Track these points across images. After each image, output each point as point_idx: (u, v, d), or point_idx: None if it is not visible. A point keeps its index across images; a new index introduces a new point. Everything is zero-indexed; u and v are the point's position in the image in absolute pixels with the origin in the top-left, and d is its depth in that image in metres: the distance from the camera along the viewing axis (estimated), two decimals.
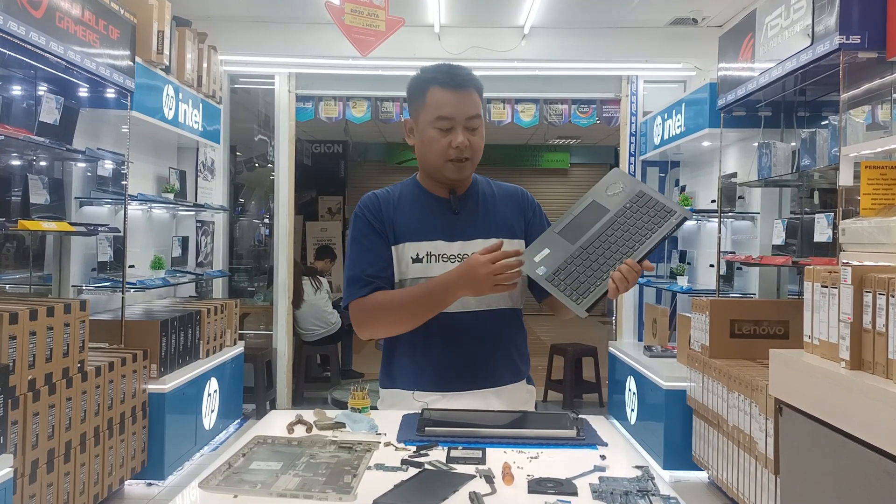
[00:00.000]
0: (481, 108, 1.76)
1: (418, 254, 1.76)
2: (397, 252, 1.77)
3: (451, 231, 1.78)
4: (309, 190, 10.39)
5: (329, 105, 5.79)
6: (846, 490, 2.18)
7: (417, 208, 1.80)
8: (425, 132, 1.74)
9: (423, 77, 1.76)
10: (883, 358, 2.04)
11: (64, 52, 3.19)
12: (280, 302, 5.74)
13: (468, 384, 1.77)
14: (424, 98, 1.74)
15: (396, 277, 1.77)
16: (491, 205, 1.84)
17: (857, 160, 2.84)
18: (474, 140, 1.73)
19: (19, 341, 2.73)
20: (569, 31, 5.60)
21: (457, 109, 1.71)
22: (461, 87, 1.71)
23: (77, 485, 3.16)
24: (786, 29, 3.36)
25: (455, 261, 1.75)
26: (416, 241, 1.76)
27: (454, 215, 1.80)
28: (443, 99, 1.71)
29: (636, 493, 1.19)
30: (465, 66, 1.78)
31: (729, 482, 3.55)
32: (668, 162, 5.78)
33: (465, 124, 1.72)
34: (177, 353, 4.07)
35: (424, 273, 1.74)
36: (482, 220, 1.81)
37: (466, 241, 1.77)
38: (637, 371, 4.72)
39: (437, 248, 1.76)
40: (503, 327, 1.81)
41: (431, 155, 1.74)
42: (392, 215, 1.79)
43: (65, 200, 3.84)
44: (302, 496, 1.16)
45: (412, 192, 1.84)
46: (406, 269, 1.76)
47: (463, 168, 1.75)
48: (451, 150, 1.71)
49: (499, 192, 1.88)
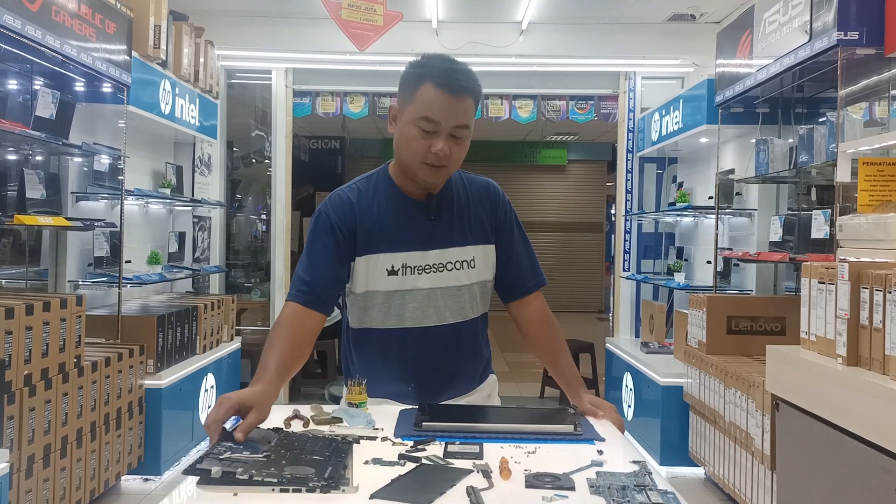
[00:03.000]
0: (473, 117, 1.64)
1: (394, 266, 1.69)
2: (367, 262, 1.69)
3: (426, 239, 1.70)
4: (306, 186, 10.36)
5: (326, 100, 5.77)
6: (842, 486, 2.18)
7: (392, 214, 1.70)
8: (408, 128, 1.62)
9: (420, 69, 1.63)
10: (880, 354, 2.04)
11: (60, 47, 3.17)
12: (277, 298, 5.72)
13: (436, 396, 1.74)
14: (415, 92, 1.61)
15: (363, 288, 1.71)
16: (465, 208, 1.76)
17: (854, 156, 2.84)
18: (456, 150, 1.62)
19: (15, 336, 2.72)
20: (567, 27, 5.59)
21: (445, 115, 1.58)
22: (456, 93, 1.59)
23: (73, 480, 3.16)
24: (784, 25, 3.36)
25: (431, 271, 1.70)
26: (390, 251, 1.69)
27: (430, 221, 1.71)
28: (434, 100, 1.58)
29: (633, 488, 1.19)
30: (468, 69, 1.64)
31: (725, 478, 3.56)
32: (666, 158, 5.78)
33: (451, 132, 1.60)
34: (173, 349, 4.06)
35: (401, 286, 1.69)
36: (458, 227, 1.73)
37: (443, 250, 1.71)
38: (634, 367, 4.73)
39: (412, 260, 1.69)
40: (475, 334, 1.79)
41: (408, 153, 1.64)
42: (365, 222, 1.69)
43: (61, 195, 3.82)
44: (304, 490, 1.15)
45: (385, 193, 1.73)
46: (379, 280, 1.69)
47: (437, 174, 1.64)
48: (429, 154, 1.60)
49: (472, 189, 1.79)
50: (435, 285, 1.71)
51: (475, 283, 1.75)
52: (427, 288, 1.71)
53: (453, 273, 1.72)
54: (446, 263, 1.71)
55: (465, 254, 1.73)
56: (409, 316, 1.71)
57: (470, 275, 1.74)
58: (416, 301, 1.71)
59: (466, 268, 1.73)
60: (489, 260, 1.78)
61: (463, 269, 1.73)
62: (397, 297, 1.71)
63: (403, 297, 1.70)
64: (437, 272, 1.71)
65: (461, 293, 1.73)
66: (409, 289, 1.70)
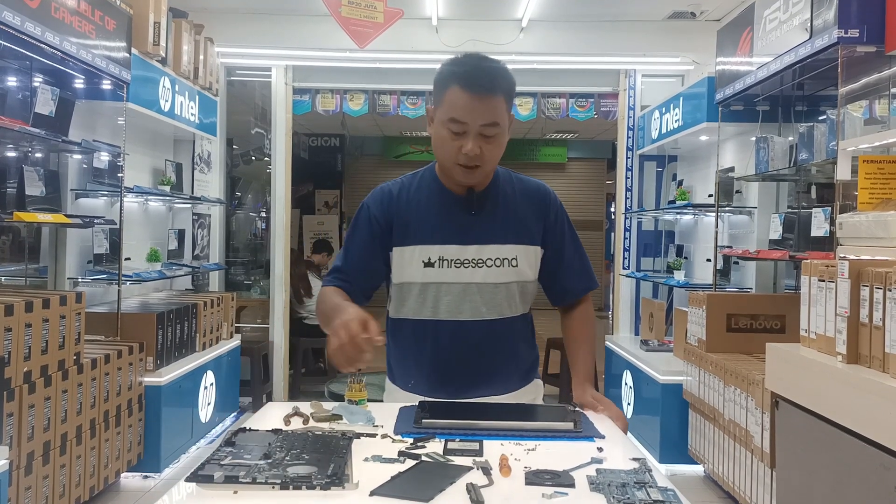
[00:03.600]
0: (504, 114, 1.63)
1: (430, 258, 1.70)
2: (404, 254, 1.72)
3: (466, 234, 1.71)
4: (306, 183, 10.36)
5: (326, 98, 5.76)
6: (842, 483, 2.18)
7: (432, 207, 1.73)
8: (439, 129, 1.64)
9: (448, 70, 1.63)
10: (879, 352, 2.04)
11: (59, 43, 3.17)
12: (277, 295, 5.73)
13: (470, 392, 1.74)
14: (444, 94, 1.62)
15: (400, 279, 1.73)
16: (511, 206, 1.75)
17: (854, 154, 2.84)
18: (488, 149, 1.62)
19: (15, 333, 2.72)
20: (567, 25, 5.59)
21: (471, 115, 1.59)
22: (480, 93, 1.58)
23: (73, 477, 3.16)
24: (784, 23, 3.36)
25: (469, 266, 1.70)
26: (427, 244, 1.70)
27: (470, 216, 1.72)
28: (459, 101, 1.59)
29: (634, 486, 1.19)
30: (496, 66, 1.63)
31: (725, 476, 3.56)
32: (666, 156, 5.77)
33: (480, 131, 1.60)
34: (173, 346, 4.06)
35: (438, 278, 1.70)
36: (500, 224, 1.73)
37: (482, 246, 1.71)
38: (633, 365, 4.73)
39: (449, 253, 1.70)
40: (515, 334, 1.78)
41: (442, 154, 1.67)
42: (403, 214, 1.72)
43: (61, 192, 3.82)
44: (304, 487, 1.15)
45: (429, 187, 1.75)
46: (415, 272, 1.71)
47: (472, 174, 1.65)
48: (460, 155, 1.61)
49: (520, 190, 1.78)
50: (471, 280, 1.71)
51: (514, 283, 1.74)
52: (463, 282, 1.71)
53: (492, 270, 1.72)
54: (486, 260, 1.71)
55: (505, 252, 1.72)
56: (443, 308, 1.72)
57: (509, 273, 1.73)
58: (450, 294, 1.71)
59: (507, 266, 1.72)
60: (532, 261, 1.77)
61: (503, 267, 1.72)
62: (432, 288, 1.71)
63: (438, 289, 1.71)
64: (476, 267, 1.71)
65: (498, 290, 1.73)
66: (445, 281, 1.70)
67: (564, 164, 12.45)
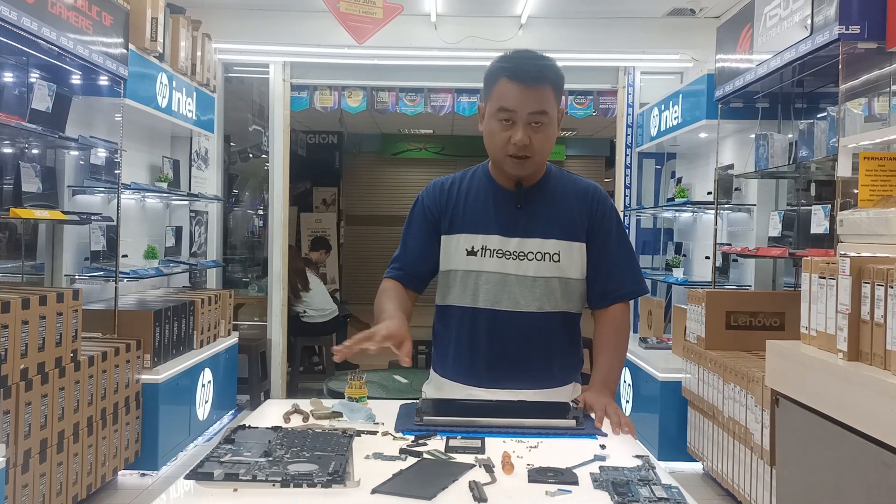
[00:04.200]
0: (553, 105, 1.67)
1: (473, 247, 1.74)
2: (451, 242, 1.76)
3: (510, 226, 1.74)
4: (303, 181, 10.34)
5: (324, 94, 5.74)
6: (843, 481, 2.18)
7: (481, 198, 1.77)
8: (490, 123, 1.69)
9: (496, 65, 1.70)
10: (881, 349, 2.04)
11: (56, 39, 3.14)
12: (274, 292, 5.71)
13: (504, 383, 1.74)
14: (493, 87, 1.68)
15: (446, 266, 1.78)
16: (559, 203, 1.77)
17: (855, 151, 2.83)
18: (537, 138, 1.65)
19: (11, 330, 2.70)
20: (566, 22, 5.57)
21: (519, 103, 1.63)
22: (528, 83, 1.63)
23: (70, 475, 3.14)
24: (784, 19, 3.35)
25: (511, 258, 1.72)
26: (472, 233, 1.75)
27: (517, 209, 1.75)
28: (507, 91, 1.65)
29: (637, 483, 1.18)
30: (543, 59, 1.69)
31: (724, 473, 3.55)
32: (665, 154, 5.76)
33: (528, 119, 1.64)
34: (170, 344, 4.04)
35: (480, 267, 1.73)
36: (544, 218, 1.74)
37: (524, 239, 1.73)
38: (632, 362, 4.72)
39: (492, 243, 1.73)
40: (553, 331, 1.77)
41: (493, 147, 1.71)
42: (453, 203, 1.78)
43: (57, 189, 3.80)
44: (305, 485, 1.14)
45: (480, 181, 1.81)
46: (459, 260, 1.75)
47: (523, 165, 1.69)
48: (510, 145, 1.65)
49: (571, 189, 1.80)
50: (510, 271, 1.73)
51: (555, 278, 1.74)
52: (502, 273, 1.73)
53: (532, 263, 1.73)
54: (527, 253, 1.73)
55: (546, 246, 1.73)
56: (482, 297, 1.74)
57: (551, 268, 1.74)
58: (489, 283, 1.73)
59: (548, 260, 1.73)
60: (576, 258, 1.76)
61: (544, 262, 1.73)
62: (472, 276, 1.74)
63: (479, 277, 1.74)
64: (517, 259, 1.73)
65: (537, 284, 1.73)
66: (485, 270, 1.73)
67: (563, 162, 12.44)
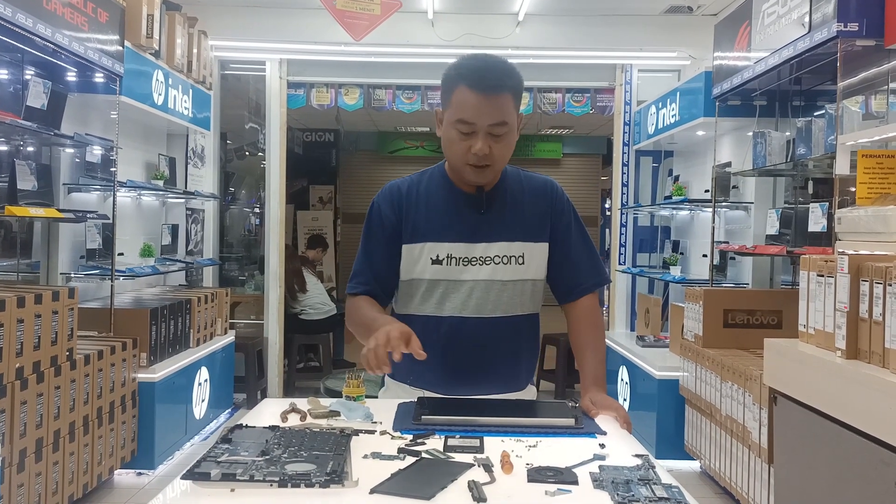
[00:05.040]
0: (513, 113, 1.63)
1: (438, 255, 1.70)
2: (414, 251, 1.71)
3: (474, 232, 1.71)
4: (300, 179, 10.31)
5: (321, 92, 5.72)
6: (841, 479, 2.18)
7: (441, 205, 1.73)
8: (448, 131, 1.65)
9: (455, 72, 1.64)
10: (879, 347, 2.03)
11: (52, 35, 3.13)
12: (271, 291, 5.69)
13: (469, 390, 1.72)
14: (451, 95, 1.63)
15: (410, 276, 1.73)
16: (519, 204, 1.75)
17: (853, 149, 2.83)
18: (497, 148, 1.62)
19: (6, 329, 2.69)
20: (563, 19, 5.56)
21: (479, 115, 1.59)
22: (487, 92, 1.58)
23: (66, 474, 3.13)
24: (782, 17, 3.34)
25: (477, 263, 1.70)
26: (436, 241, 1.70)
27: (479, 215, 1.72)
28: (467, 101, 1.59)
29: (637, 482, 1.17)
30: (502, 65, 1.63)
31: (721, 472, 3.55)
32: (662, 152, 5.76)
33: (488, 130, 1.60)
34: (167, 342, 4.03)
35: (447, 276, 1.70)
36: (508, 222, 1.73)
37: (490, 244, 1.71)
38: (629, 361, 4.72)
39: (458, 251, 1.70)
40: (521, 334, 1.77)
41: (452, 155, 1.67)
42: (413, 210, 1.72)
43: (53, 186, 3.78)
44: (303, 485, 1.13)
45: (438, 185, 1.76)
46: (424, 269, 1.71)
47: (483, 173, 1.66)
48: (470, 155, 1.62)
49: (528, 187, 1.78)
50: (478, 277, 1.70)
51: (521, 281, 1.73)
52: (471, 280, 1.71)
53: (500, 267, 1.71)
54: (493, 257, 1.71)
55: (512, 250, 1.72)
56: (448, 305, 1.71)
57: (517, 271, 1.72)
58: (457, 291, 1.71)
59: (514, 264, 1.72)
60: (540, 259, 1.75)
61: (510, 265, 1.72)
62: (441, 286, 1.71)
63: (447, 286, 1.71)
64: (483, 265, 1.70)
65: (505, 288, 1.72)
66: (453, 279, 1.70)
67: (559, 160, 12.43)
